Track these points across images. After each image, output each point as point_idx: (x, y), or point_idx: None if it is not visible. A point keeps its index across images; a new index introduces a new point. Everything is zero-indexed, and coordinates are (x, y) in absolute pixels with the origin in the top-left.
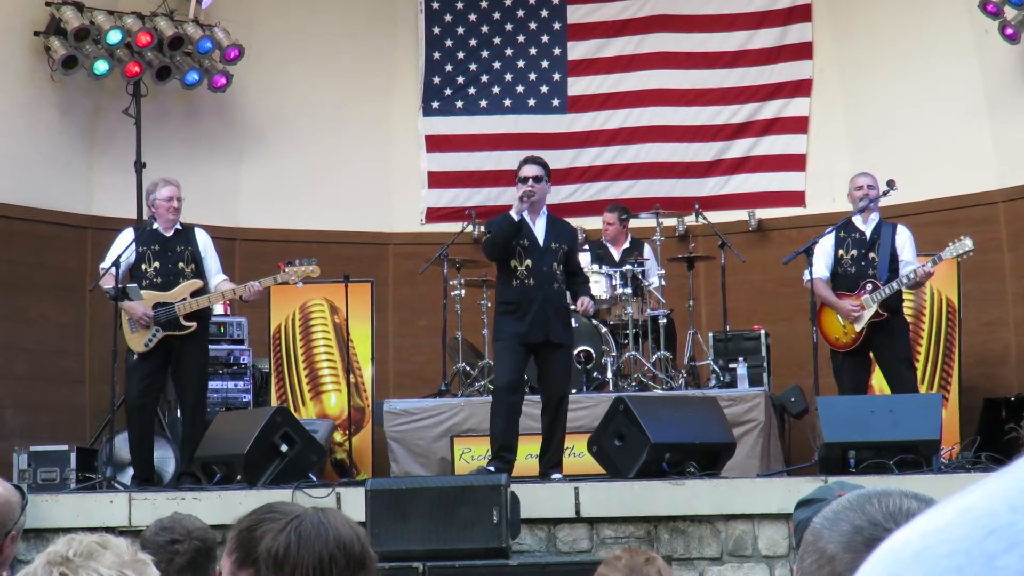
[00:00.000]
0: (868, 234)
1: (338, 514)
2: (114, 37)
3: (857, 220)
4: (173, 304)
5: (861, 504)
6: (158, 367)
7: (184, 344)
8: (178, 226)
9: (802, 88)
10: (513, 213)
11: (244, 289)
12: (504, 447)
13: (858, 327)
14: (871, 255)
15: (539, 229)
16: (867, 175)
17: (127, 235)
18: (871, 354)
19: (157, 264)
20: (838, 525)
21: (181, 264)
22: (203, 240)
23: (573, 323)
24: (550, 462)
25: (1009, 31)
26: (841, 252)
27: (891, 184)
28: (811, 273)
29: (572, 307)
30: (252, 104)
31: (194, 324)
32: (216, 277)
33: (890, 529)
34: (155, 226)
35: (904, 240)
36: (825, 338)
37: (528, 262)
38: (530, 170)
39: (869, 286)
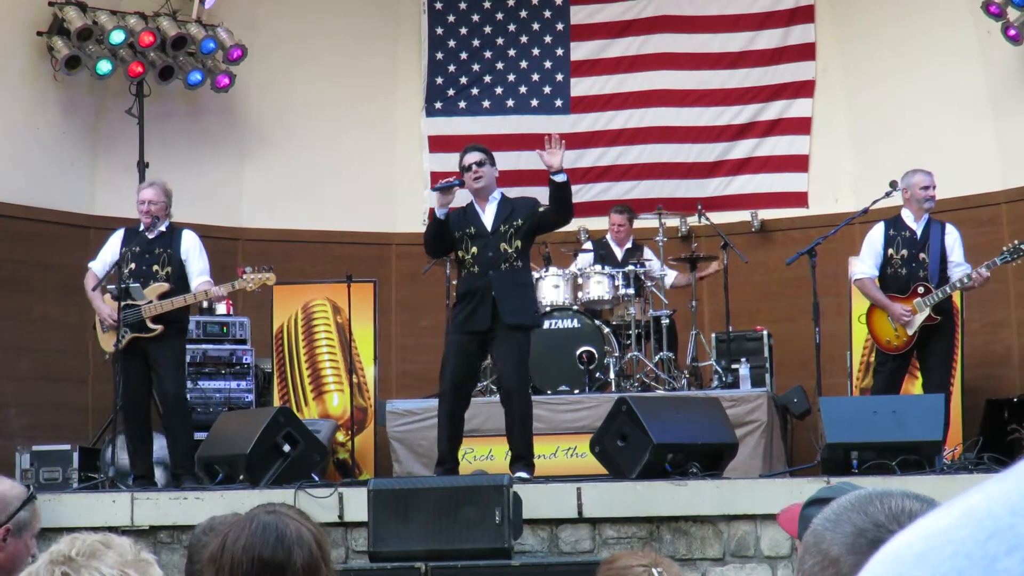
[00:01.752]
0: (919, 233)
1: (282, 517)
2: (117, 37)
3: (908, 218)
4: (140, 307)
5: (863, 505)
6: (138, 368)
7: (156, 346)
8: (163, 228)
9: (805, 89)
10: (436, 208)
11: (204, 295)
12: (439, 460)
13: (910, 331)
14: (921, 256)
15: (488, 215)
16: (929, 174)
17: (116, 236)
18: (915, 354)
19: (133, 265)
20: (840, 527)
21: (156, 267)
22: (188, 242)
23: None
24: (513, 457)
25: (1012, 32)
26: (891, 251)
27: (893, 185)
28: (862, 272)
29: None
30: (255, 104)
31: (160, 327)
32: (198, 279)
33: (893, 530)
34: (140, 228)
35: (953, 240)
36: (876, 340)
37: (474, 250)
38: (472, 156)
39: (921, 289)
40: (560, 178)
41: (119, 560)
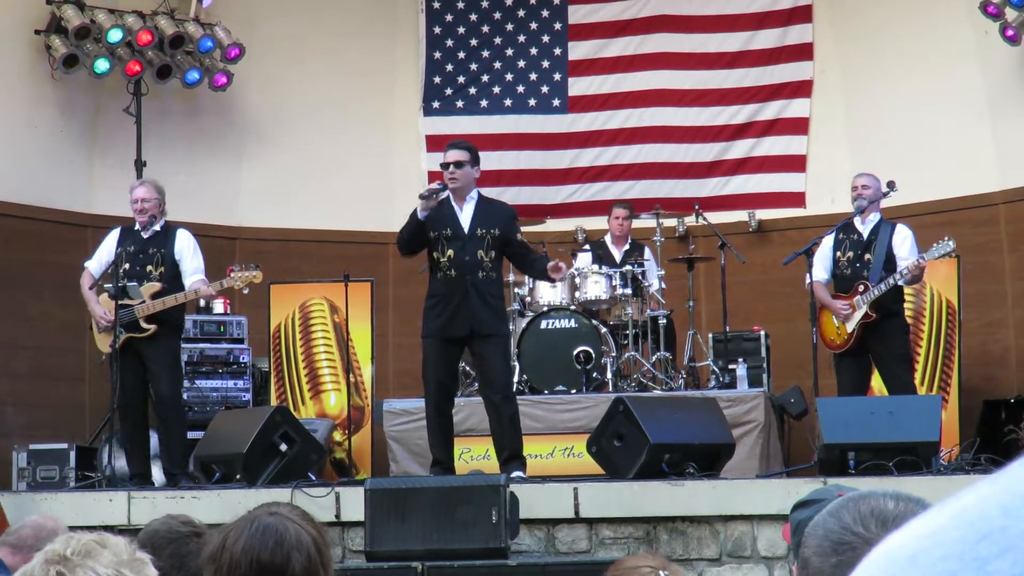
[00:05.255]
0: (865, 235)
1: (283, 519)
2: (115, 36)
3: (856, 221)
4: (133, 306)
5: (838, 509)
6: (133, 368)
7: (150, 346)
8: (157, 227)
9: (803, 89)
10: (419, 211)
11: (193, 294)
12: (435, 462)
13: (848, 327)
14: (866, 256)
15: (465, 216)
16: (863, 175)
17: (113, 235)
18: (870, 355)
19: (127, 265)
20: (816, 530)
21: (149, 267)
22: (182, 242)
23: (515, 306)
24: (506, 459)
25: (1010, 32)
26: (839, 254)
27: (891, 185)
28: (810, 276)
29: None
30: (252, 103)
31: (154, 327)
32: (191, 278)
33: (858, 533)
34: (136, 227)
35: (902, 238)
36: (822, 339)
37: (450, 252)
38: (452, 155)
39: (861, 287)
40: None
41: (114, 559)
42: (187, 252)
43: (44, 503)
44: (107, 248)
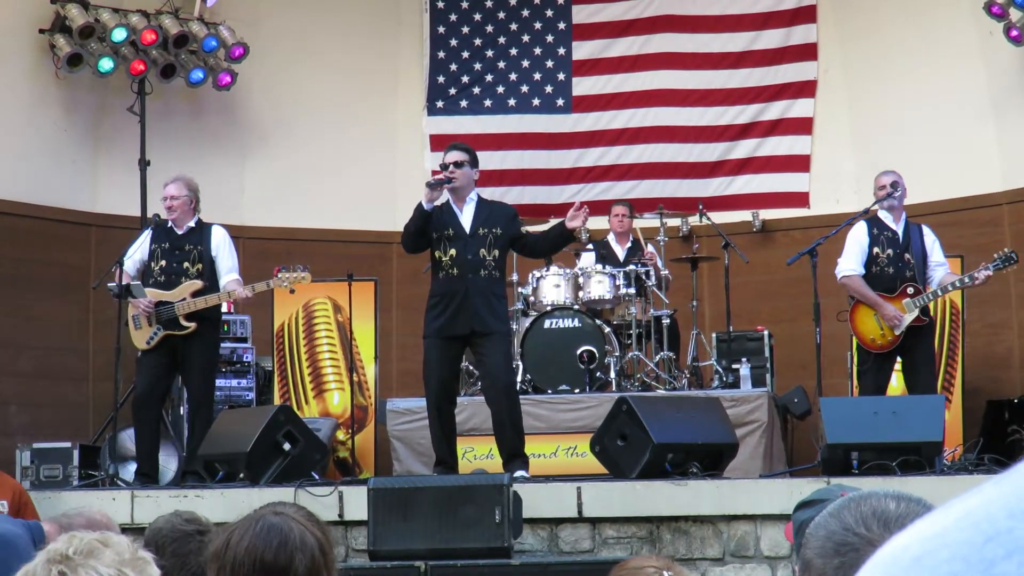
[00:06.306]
0: (900, 234)
1: (287, 519)
2: (119, 35)
3: (887, 219)
4: (173, 304)
5: (840, 510)
6: (164, 365)
7: (188, 343)
8: (191, 224)
9: (806, 89)
10: (424, 202)
11: (229, 295)
12: (438, 461)
13: (897, 332)
14: (906, 256)
15: (466, 216)
16: (890, 173)
17: (147, 233)
18: (899, 357)
19: (163, 262)
20: (818, 531)
21: (186, 264)
22: (217, 239)
23: (519, 305)
24: (508, 457)
25: (1014, 33)
26: (876, 250)
27: (894, 186)
28: (850, 269)
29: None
30: (256, 102)
31: (193, 324)
32: (226, 277)
33: (860, 534)
34: (169, 224)
35: (932, 241)
36: (859, 337)
37: (452, 251)
38: (451, 155)
39: (910, 289)
40: (568, 232)
41: (116, 559)
42: (223, 250)
43: (47, 502)
44: (141, 246)
